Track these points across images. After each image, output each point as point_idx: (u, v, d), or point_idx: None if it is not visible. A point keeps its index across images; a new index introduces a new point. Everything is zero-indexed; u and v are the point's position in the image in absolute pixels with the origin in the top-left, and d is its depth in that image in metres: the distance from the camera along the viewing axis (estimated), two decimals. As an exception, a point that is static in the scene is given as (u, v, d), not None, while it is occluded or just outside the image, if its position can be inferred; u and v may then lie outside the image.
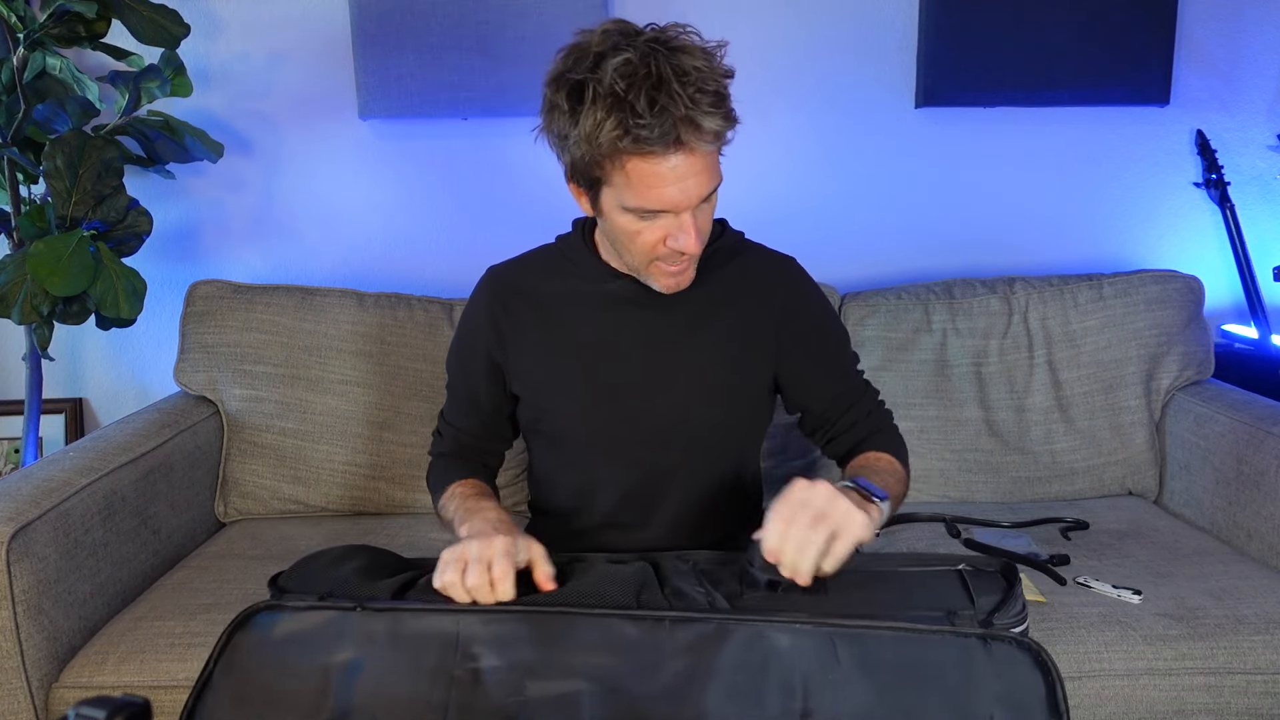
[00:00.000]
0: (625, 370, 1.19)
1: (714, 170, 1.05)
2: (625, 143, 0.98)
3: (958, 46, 2.00)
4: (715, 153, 1.04)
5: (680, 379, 1.19)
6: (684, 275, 1.13)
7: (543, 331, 1.21)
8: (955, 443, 1.85)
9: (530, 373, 1.22)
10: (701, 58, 1.00)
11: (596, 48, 1.00)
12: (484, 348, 1.24)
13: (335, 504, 1.81)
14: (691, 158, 1.01)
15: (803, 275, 1.28)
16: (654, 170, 1.01)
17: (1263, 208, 2.15)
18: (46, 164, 1.68)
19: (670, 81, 0.97)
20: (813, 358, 1.24)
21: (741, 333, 1.20)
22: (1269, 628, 1.33)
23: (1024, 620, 0.92)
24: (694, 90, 0.98)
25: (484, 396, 1.26)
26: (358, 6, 1.94)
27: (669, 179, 1.01)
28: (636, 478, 1.22)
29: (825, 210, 2.14)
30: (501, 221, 2.12)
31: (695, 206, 1.05)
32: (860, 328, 1.88)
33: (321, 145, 2.09)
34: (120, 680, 1.29)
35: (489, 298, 1.24)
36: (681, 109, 0.97)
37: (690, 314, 1.19)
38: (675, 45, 1.00)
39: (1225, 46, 2.10)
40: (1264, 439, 1.61)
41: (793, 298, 1.24)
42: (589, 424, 1.21)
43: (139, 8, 1.70)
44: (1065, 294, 1.88)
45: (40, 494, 1.34)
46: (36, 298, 1.68)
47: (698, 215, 1.06)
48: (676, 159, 1.00)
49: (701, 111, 0.98)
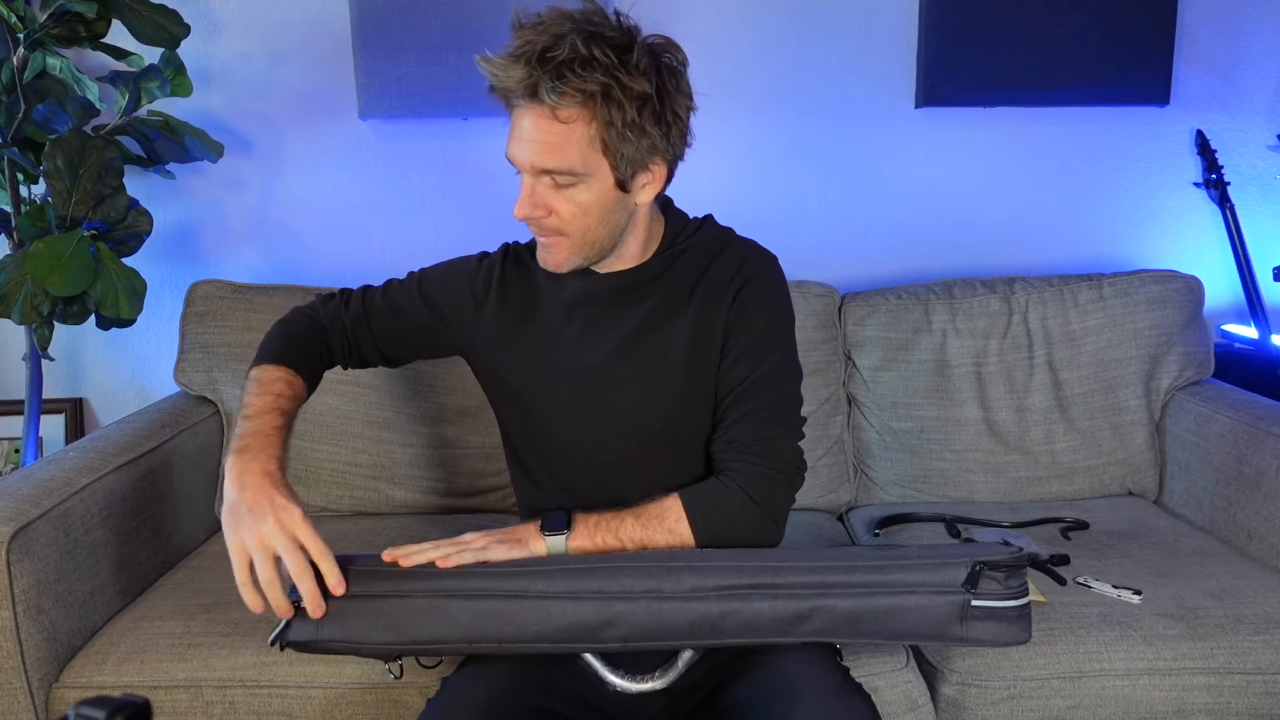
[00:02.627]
0: (582, 367, 1.20)
1: (565, 150, 1.04)
2: (491, 85, 1.05)
3: (958, 46, 2.00)
4: (570, 131, 1.04)
5: (635, 377, 1.19)
6: (548, 252, 1.14)
7: (520, 314, 1.24)
8: (955, 443, 1.85)
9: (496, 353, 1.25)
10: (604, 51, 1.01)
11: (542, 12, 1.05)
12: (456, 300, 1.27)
13: (335, 504, 1.81)
14: (536, 120, 1.04)
15: (766, 276, 1.19)
16: (513, 120, 1.07)
17: (1263, 208, 2.15)
18: (46, 164, 1.68)
19: (540, 44, 1.01)
20: (732, 359, 1.17)
21: (698, 330, 1.18)
22: (1269, 628, 1.33)
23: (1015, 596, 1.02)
24: (555, 57, 1.00)
25: (415, 316, 1.28)
26: (358, 7, 1.94)
27: (515, 132, 1.07)
28: (596, 474, 1.22)
29: (825, 210, 2.14)
30: (501, 221, 2.10)
31: (534, 175, 1.07)
32: (860, 328, 1.88)
33: (321, 145, 2.09)
34: (120, 680, 1.29)
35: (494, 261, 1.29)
36: (531, 66, 1.01)
37: (651, 311, 1.19)
38: (595, 32, 1.02)
39: (1225, 46, 2.10)
40: (1264, 439, 1.61)
41: (745, 295, 1.17)
42: (547, 418, 1.23)
43: (139, 8, 1.70)
44: (1065, 294, 1.88)
45: (40, 494, 1.34)
46: (36, 298, 1.68)
47: (544, 190, 1.08)
48: (523, 113, 1.05)
49: (549, 77, 1.00)
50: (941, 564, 1.03)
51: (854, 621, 1.03)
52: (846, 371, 1.90)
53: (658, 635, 1.03)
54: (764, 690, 1.03)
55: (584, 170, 1.06)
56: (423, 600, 1.03)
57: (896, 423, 1.86)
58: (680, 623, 1.02)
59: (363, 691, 1.28)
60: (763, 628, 1.03)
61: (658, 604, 1.02)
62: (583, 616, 1.02)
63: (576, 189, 1.08)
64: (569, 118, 1.03)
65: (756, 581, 1.02)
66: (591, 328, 1.20)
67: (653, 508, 1.12)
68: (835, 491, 1.85)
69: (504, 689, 1.05)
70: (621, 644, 1.03)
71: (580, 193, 1.08)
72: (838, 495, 1.86)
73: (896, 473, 1.86)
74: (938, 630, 1.03)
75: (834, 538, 1.71)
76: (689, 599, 1.02)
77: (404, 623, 1.03)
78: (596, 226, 1.11)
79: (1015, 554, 1.03)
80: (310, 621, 1.03)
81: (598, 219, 1.10)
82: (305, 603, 1.02)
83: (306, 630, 1.04)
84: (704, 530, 1.10)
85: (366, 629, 1.04)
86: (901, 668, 1.28)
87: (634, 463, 1.21)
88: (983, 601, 1.01)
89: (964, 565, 1.02)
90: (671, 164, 1.13)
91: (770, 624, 1.02)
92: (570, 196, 1.08)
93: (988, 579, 1.01)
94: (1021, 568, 1.03)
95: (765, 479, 1.12)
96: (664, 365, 1.18)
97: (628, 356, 1.19)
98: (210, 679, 1.29)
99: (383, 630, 1.04)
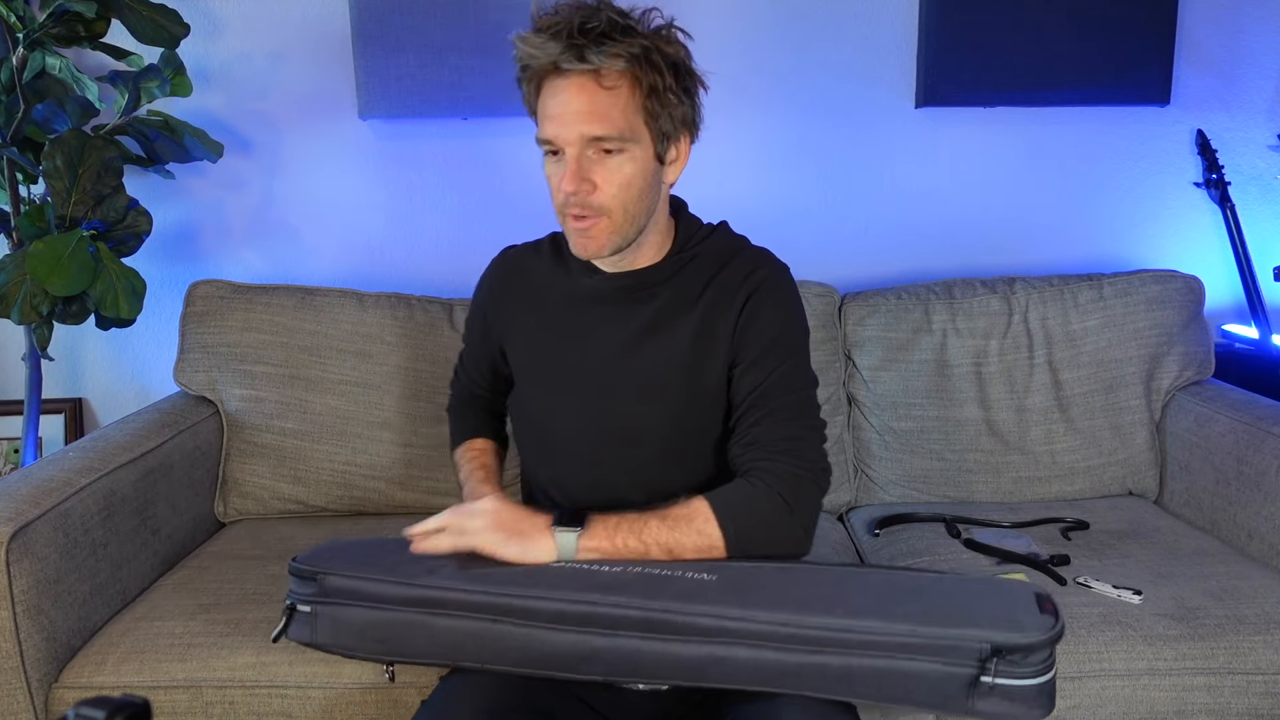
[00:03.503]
0: (591, 369, 1.20)
1: (611, 116, 1.05)
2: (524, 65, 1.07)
3: (958, 47, 2.00)
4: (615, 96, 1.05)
5: (638, 379, 1.18)
6: (588, 236, 1.11)
7: (529, 317, 1.26)
8: (955, 443, 1.85)
9: (514, 355, 1.29)
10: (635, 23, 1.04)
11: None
12: (484, 320, 1.34)
13: (335, 504, 1.81)
14: (580, 91, 1.05)
15: (778, 282, 1.19)
16: (548, 97, 1.07)
17: (1263, 208, 2.15)
18: (46, 164, 1.68)
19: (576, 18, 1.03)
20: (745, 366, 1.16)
21: (704, 334, 1.17)
22: (1269, 628, 1.33)
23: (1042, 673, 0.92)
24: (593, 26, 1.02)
25: (485, 357, 1.37)
26: (358, 6, 1.94)
27: (555, 108, 1.06)
28: (601, 474, 1.22)
29: (825, 210, 2.14)
30: (501, 221, 2.11)
31: (581, 145, 1.06)
32: (860, 328, 1.88)
33: (321, 145, 2.09)
34: (120, 680, 1.29)
35: (494, 275, 1.32)
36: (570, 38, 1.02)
37: (658, 314, 1.18)
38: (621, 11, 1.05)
39: (1225, 46, 2.10)
40: (1264, 439, 1.61)
41: (756, 301, 1.16)
42: (554, 417, 1.24)
43: (139, 8, 1.70)
44: (1065, 294, 1.88)
45: (40, 494, 1.34)
46: (36, 298, 1.68)
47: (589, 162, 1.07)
48: (564, 87, 1.05)
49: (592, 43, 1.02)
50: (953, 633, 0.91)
51: (845, 681, 0.95)
52: (846, 371, 1.90)
53: (640, 673, 1.01)
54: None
55: (631, 136, 1.07)
56: (404, 615, 1.04)
57: (896, 423, 1.86)
58: (664, 663, 0.99)
59: (362, 691, 1.28)
60: (748, 679, 0.98)
61: (640, 642, 0.99)
62: (561, 648, 1.01)
63: (622, 158, 1.08)
64: (614, 82, 1.05)
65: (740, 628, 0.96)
66: (597, 327, 1.20)
67: (679, 510, 1.08)
68: (835, 491, 1.85)
69: (500, 693, 1.04)
70: (603, 676, 1.02)
71: (625, 162, 1.08)
72: (838, 495, 1.86)
73: (896, 473, 1.86)
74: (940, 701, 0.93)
75: (835, 540, 1.71)
76: (673, 641, 0.98)
77: (391, 634, 1.05)
78: (637, 202, 1.11)
79: (1047, 632, 0.88)
80: (307, 627, 1.07)
81: (639, 194, 1.10)
82: None
83: (303, 632, 1.08)
84: (733, 532, 1.06)
85: (356, 638, 1.06)
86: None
87: (637, 463, 1.21)
88: (994, 679, 0.89)
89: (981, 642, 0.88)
90: (691, 143, 1.15)
91: (754, 677, 0.97)
92: (616, 167, 1.08)
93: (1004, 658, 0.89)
94: (1052, 644, 0.89)
95: (795, 478, 1.08)
96: (667, 366, 1.18)
97: (632, 356, 1.19)
98: (210, 679, 1.29)
99: (371, 641, 1.06)
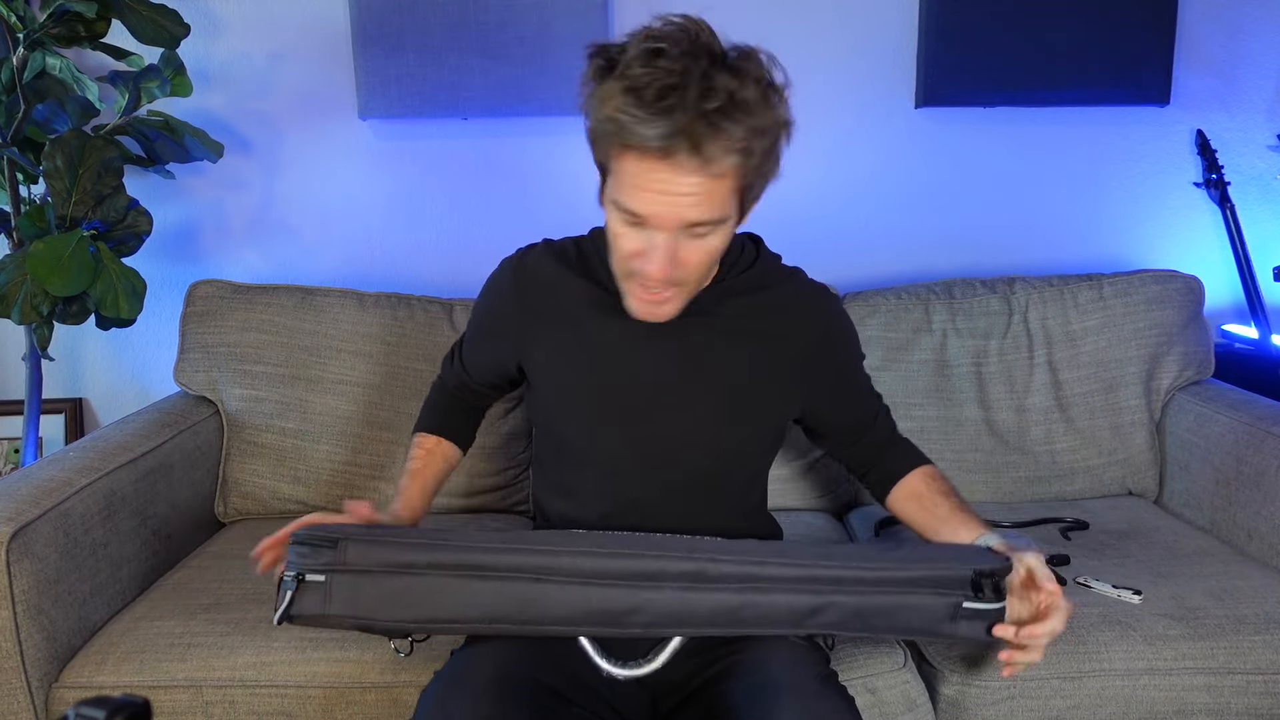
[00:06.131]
0: (633, 388, 1.17)
1: (713, 201, 0.97)
2: (618, 130, 0.94)
3: (958, 47, 2.00)
4: (722, 183, 0.96)
5: (690, 405, 1.16)
6: (659, 306, 1.07)
7: (559, 328, 1.19)
8: (955, 443, 1.85)
9: (542, 366, 1.22)
10: (751, 89, 0.93)
11: (653, 33, 0.95)
12: (500, 326, 1.25)
13: (335, 504, 1.81)
14: (687, 175, 0.94)
15: (838, 311, 1.25)
16: (644, 172, 0.96)
17: (1263, 208, 2.15)
18: (46, 164, 1.68)
19: (690, 89, 0.91)
20: (837, 397, 1.26)
21: (765, 366, 1.16)
22: (1269, 628, 1.33)
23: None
24: (713, 108, 0.91)
25: (491, 364, 1.31)
26: (358, 6, 1.94)
27: (653, 186, 0.96)
28: (634, 495, 1.19)
29: (825, 210, 2.14)
30: (502, 221, 2.12)
31: (677, 231, 0.99)
32: (860, 328, 1.87)
33: (321, 145, 2.09)
34: (120, 680, 1.29)
35: (514, 283, 1.23)
36: (686, 119, 0.91)
37: (709, 339, 1.16)
38: (729, 63, 0.94)
39: (1225, 46, 2.10)
40: (1264, 439, 1.61)
41: (826, 341, 1.20)
42: (590, 434, 1.19)
43: (139, 8, 1.70)
44: (1065, 294, 1.88)
45: (40, 494, 1.34)
46: (36, 298, 1.68)
47: (679, 243, 1.00)
48: (665, 166, 0.94)
49: (710, 130, 0.91)
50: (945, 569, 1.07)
51: (860, 616, 1.06)
52: (846, 371, 1.90)
53: (679, 623, 1.04)
54: (750, 688, 1.03)
55: (726, 216, 1.00)
56: (442, 579, 1.02)
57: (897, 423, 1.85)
58: (702, 611, 1.03)
59: (362, 691, 1.28)
60: (778, 620, 1.05)
61: (682, 593, 1.03)
62: (609, 602, 1.02)
63: (714, 235, 1.01)
64: (724, 170, 0.95)
65: (778, 575, 1.04)
66: (644, 346, 1.16)
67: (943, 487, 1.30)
68: (835, 491, 1.85)
69: (512, 662, 1.04)
70: (643, 629, 1.04)
71: (715, 239, 1.02)
72: (838, 495, 1.86)
73: (896, 473, 1.86)
74: (930, 628, 1.07)
75: (835, 539, 1.71)
76: (713, 590, 1.03)
77: (421, 600, 1.02)
78: (713, 266, 1.08)
79: (1003, 563, 1.08)
80: (318, 597, 1.01)
81: (718, 258, 1.07)
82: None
83: (313, 603, 1.01)
84: None
85: (378, 605, 1.02)
86: (900, 668, 1.28)
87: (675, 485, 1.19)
88: (972, 604, 1.06)
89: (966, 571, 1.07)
90: None
91: (785, 616, 1.04)
92: (704, 244, 1.01)
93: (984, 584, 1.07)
94: (1005, 574, 1.09)
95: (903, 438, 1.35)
96: (727, 396, 1.16)
97: (685, 384, 1.16)
98: (210, 679, 1.29)
99: (396, 608, 1.02)
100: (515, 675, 1.02)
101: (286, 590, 1.01)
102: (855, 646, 1.30)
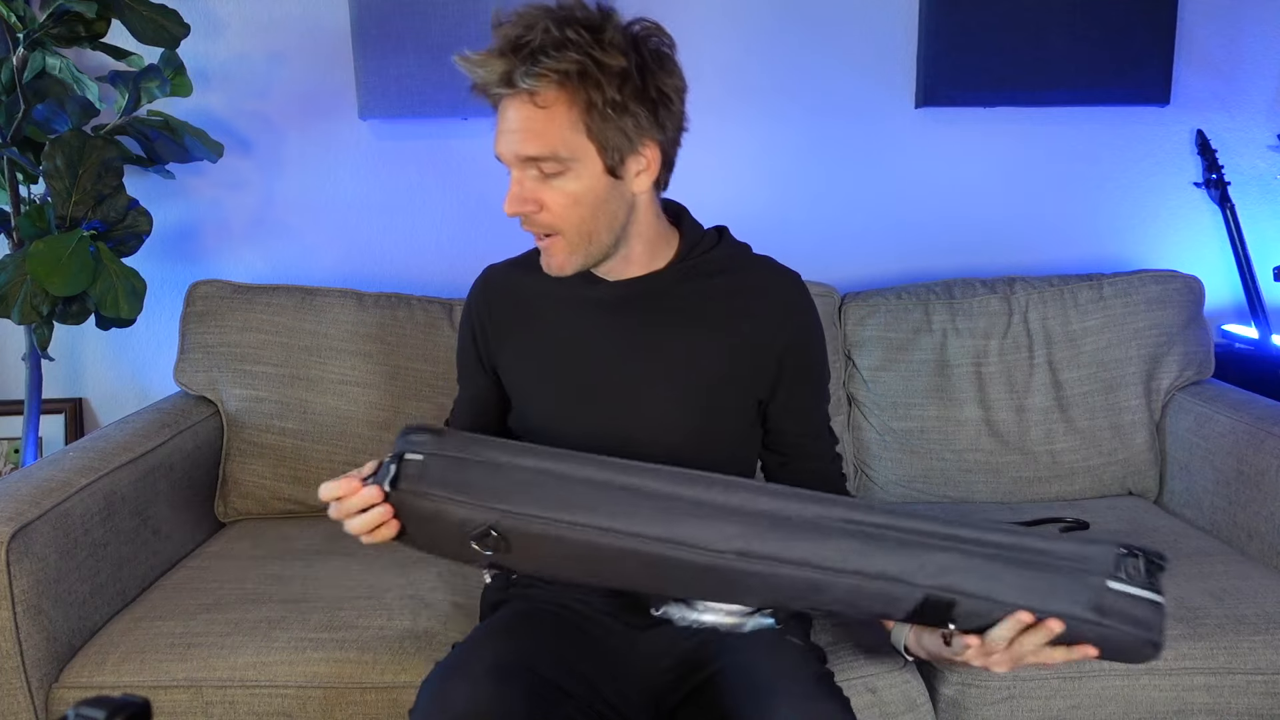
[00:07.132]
0: (600, 377, 1.17)
1: (547, 135, 1.02)
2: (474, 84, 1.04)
3: (958, 47, 2.00)
4: (551, 116, 1.01)
5: (657, 390, 1.16)
6: (550, 253, 1.10)
7: (523, 332, 1.21)
8: (955, 443, 1.85)
9: (510, 371, 1.23)
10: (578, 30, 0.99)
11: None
12: (474, 348, 1.26)
13: (335, 504, 1.81)
14: (517, 110, 1.02)
15: (810, 303, 1.22)
16: (499, 114, 1.05)
17: (1263, 208, 2.15)
18: (46, 164, 1.68)
19: (523, 37, 0.99)
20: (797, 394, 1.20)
21: (736, 351, 1.16)
22: (1269, 628, 1.33)
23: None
24: (531, 43, 0.99)
25: (484, 393, 1.28)
26: (358, 6, 1.94)
27: (499, 127, 1.05)
28: None
29: (825, 210, 2.14)
30: (501, 221, 2.10)
31: (520, 167, 1.04)
32: (860, 328, 1.88)
33: (321, 145, 2.09)
34: (120, 680, 1.29)
35: (478, 297, 1.26)
36: (508, 58, 0.99)
37: (673, 324, 1.16)
38: (574, 18, 1.01)
39: (1225, 46, 2.10)
40: (1264, 439, 1.61)
41: (801, 330, 1.19)
42: (562, 429, 1.18)
43: (139, 8, 1.70)
44: (1065, 294, 1.88)
45: (40, 494, 1.34)
46: (36, 298, 1.68)
47: (534, 184, 1.05)
48: (505, 105, 1.03)
49: (528, 61, 0.99)
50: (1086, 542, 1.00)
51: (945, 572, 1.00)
52: (846, 371, 1.90)
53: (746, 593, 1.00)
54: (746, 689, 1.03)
55: (568, 155, 1.03)
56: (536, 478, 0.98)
57: (896, 423, 1.86)
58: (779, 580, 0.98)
59: (362, 691, 1.28)
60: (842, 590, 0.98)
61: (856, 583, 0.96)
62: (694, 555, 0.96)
63: (565, 178, 1.04)
64: (547, 101, 1.01)
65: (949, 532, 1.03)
66: (604, 333, 1.17)
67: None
68: (835, 491, 1.85)
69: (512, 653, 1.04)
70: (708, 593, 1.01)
71: (569, 182, 1.05)
72: (838, 495, 1.86)
73: (896, 473, 1.86)
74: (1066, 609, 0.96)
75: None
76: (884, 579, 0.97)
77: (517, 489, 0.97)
78: (591, 219, 1.07)
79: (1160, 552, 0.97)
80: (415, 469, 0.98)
81: (591, 210, 1.07)
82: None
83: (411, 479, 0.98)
84: None
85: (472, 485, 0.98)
86: (900, 668, 1.28)
87: None
88: (1121, 586, 0.94)
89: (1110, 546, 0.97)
90: (666, 148, 1.09)
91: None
92: (559, 187, 1.05)
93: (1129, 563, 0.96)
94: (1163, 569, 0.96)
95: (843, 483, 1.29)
96: (692, 377, 1.15)
97: (648, 365, 1.15)
98: (210, 679, 1.29)
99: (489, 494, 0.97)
100: (514, 665, 1.02)
101: (389, 466, 0.99)
102: (856, 646, 1.31)
